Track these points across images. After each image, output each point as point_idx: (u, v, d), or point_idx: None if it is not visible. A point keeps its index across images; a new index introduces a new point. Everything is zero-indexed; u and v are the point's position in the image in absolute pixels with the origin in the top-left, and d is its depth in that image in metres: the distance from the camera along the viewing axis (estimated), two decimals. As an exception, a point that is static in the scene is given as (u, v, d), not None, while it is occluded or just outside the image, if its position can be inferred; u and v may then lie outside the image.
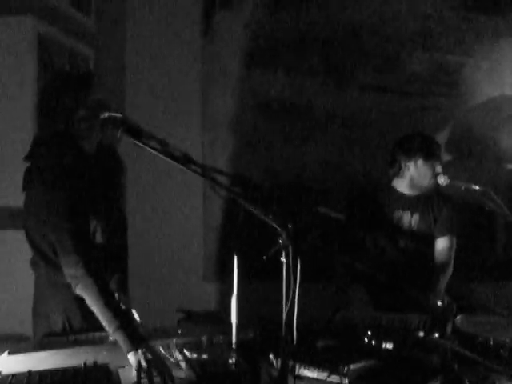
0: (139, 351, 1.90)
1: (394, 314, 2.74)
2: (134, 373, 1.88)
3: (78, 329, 2.27)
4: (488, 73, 4.13)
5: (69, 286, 2.16)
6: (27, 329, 2.37)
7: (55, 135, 2.23)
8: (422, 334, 2.44)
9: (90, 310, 2.08)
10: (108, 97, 2.27)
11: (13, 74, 3.06)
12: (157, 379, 1.84)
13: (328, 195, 3.78)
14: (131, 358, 1.91)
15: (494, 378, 2.22)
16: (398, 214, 3.21)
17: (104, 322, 2.01)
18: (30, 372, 1.76)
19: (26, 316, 2.38)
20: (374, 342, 2.37)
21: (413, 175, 3.17)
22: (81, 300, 2.14)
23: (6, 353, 1.98)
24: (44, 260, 2.25)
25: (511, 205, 3.89)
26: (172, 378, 1.85)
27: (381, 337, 2.39)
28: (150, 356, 1.90)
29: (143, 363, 1.87)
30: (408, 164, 3.16)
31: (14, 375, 1.74)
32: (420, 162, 3.14)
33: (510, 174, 4.27)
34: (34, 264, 2.34)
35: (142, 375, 1.84)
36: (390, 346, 2.36)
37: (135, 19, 3.70)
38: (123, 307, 2.31)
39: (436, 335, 2.47)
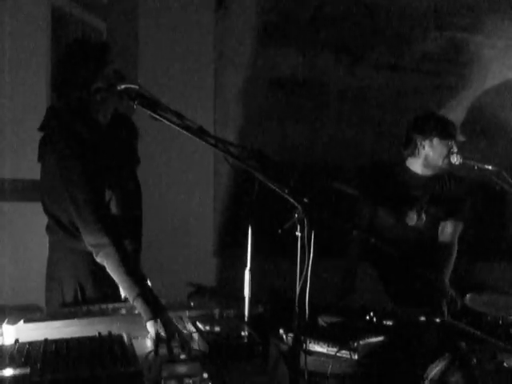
0: (158, 320, 1.92)
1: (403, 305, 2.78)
2: (149, 343, 1.90)
3: (89, 296, 2.29)
4: (503, 52, 4.09)
5: (83, 253, 2.18)
6: (40, 299, 2.39)
7: (69, 105, 2.22)
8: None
9: (102, 278, 2.11)
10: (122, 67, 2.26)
11: (27, 47, 3.05)
12: (175, 349, 1.85)
13: (340, 172, 3.78)
14: (150, 326, 1.93)
15: (501, 357, 2.24)
16: (411, 192, 3.21)
17: (125, 290, 2.04)
18: (46, 340, 1.78)
19: (40, 286, 2.41)
20: (375, 320, 2.39)
21: (428, 154, 3.17)
22: (94, 267, 2.16)
23: (21, 321, 2.00)
24: (61, 227, 2.26)
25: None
26: (190, 349, 1.86)
27: (383, 317, 2.41)
28: (169, 326, 1.92)
29: (162, 333, 1.89)
30: (423, 143, 3.15)
31: (30, 343, 1.76)
32: (436, 140, 3.13)
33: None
34: (49, 229, 2.35)
35: (160, 345, 1.85)
36: (392, 323, 2.38)
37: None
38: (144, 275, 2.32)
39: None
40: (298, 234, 1.73)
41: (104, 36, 3.54)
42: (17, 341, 1.78)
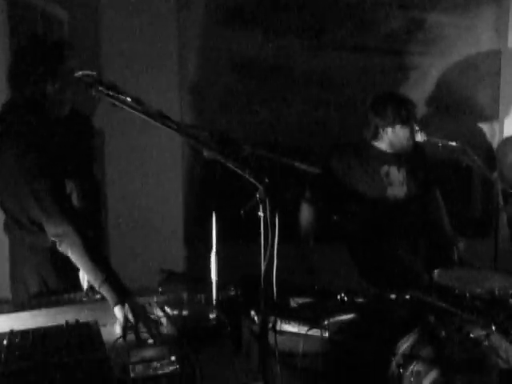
0: (126, 305, 1.92)
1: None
2: (117, 329, 1.90)
3: (54, 290, 2.27)
4: (465, 31, 4.13)
5: (44, 250, 2.17)
6: (5, 292, 2.37)
7: (25, 101, 2.20)
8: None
9: (66, 273, 2.10)
10: (82, 60, 2.23)
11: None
12: (143, 334, 1.86)
13: (307, 154, 3.79)
14: (118, 311, 1.93)
15: (468, 328, 2.28)
16: (384, 168, 3.24)
17: (90, 277, 2.03)
18: (11, 331, 1.77)
19: (3, 280, 2.38)
20: (346, 299, 2.42)
21: (391, 138, 3.20)
22: (55, 261, 2.15)
23: (-15, 314, 1.98)
24: (17, 224, 2.25)
25: (487, 162, 3.96)
26: (158, 333, 1.87)
27: (353, 295, 2.44)
28: (136, 310, 1.92)
29: (130, 317, 1.89)
30: (386, 129, 3.18)
31: (-5, 335, 1.75)
32: (398, 127, 3.16)
33: (486, 131, 4.32)
34: (7, 228, 2.34)
35: (128, 330, 1.86)
36: (362, 301, 2.41)
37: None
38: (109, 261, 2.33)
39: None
40: (261, 214, 1.74)
41: (65, 25, 3.49)
42: (-18, 334, 1.77)
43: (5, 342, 1.69)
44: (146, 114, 1.89)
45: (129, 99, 1.90)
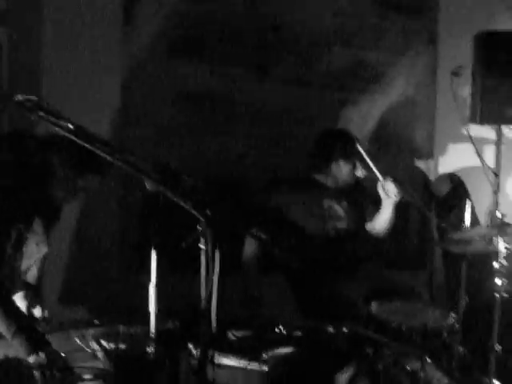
0: (40, 354, 1.87)
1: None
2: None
3: None
4: (406, 69, 4.27)
5: None
6: None
7: None
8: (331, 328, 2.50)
9: None
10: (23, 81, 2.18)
11: None
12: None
13: (247, 188, 3.80)
14: (31, 360, 1.87)
15: (404, 360, 2.32)
16: (326, 202, 3.28)
17: (2, 327, 1.95)
18: None
19: None
20: (285, 332, 2.42)
21: (334, 173, 3.26)
22: None
23: None
24: None
25: (423, 198, 4.09)
26: (72, 381, 1.82)
27: (292, 328, 2.44)
28: (50, 358, 1.86)
29: (43, 365, 1.84)
30: (329, 164, 3.24)
31: None
32: (341, 162, 3.23)
33: (422, 168, 4.45)
34: None
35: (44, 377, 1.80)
36: (301, 334, 2.42)
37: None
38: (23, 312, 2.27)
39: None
40: (202, 246, 1.73)
41: (5, 46, 3.41)
42: None
43: None
44: (87, 141, 1.86)
45: (70, 126, 1.85)
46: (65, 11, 3.53)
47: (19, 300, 2.39)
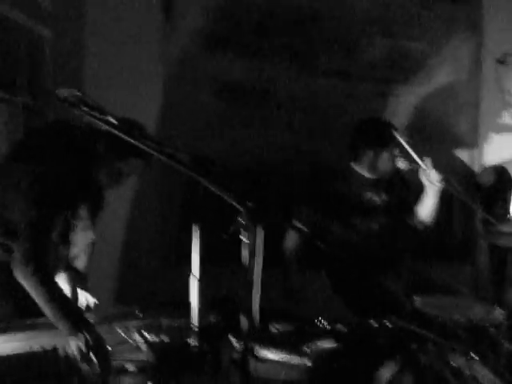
0: (80, 335, 1.89)
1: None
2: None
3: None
4: (447, 58, 4.19)
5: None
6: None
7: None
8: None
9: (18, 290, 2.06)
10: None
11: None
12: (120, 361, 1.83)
13: (287, 180, 3.79)
14: (72, 343, 1.89)
15: (449, 356, 2.28)
16: (366, 195, 3.24)
17: (47, 312, 1.99)
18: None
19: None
20: (327, 326, 2.40)
21: (372, 162, 3.20)
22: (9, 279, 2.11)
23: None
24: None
25: (467, 189, 4.00)
26: (109, 366, 1.83)
27: (334, 321, 2.42)
28: (91, 341, 1.88)
29: (83, 348, 1.86)
30: (367, 152, 3.19)
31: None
32: (379, 149, 3.17)
33: (465, 159, 4.36)
34: None
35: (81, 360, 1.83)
36: (343, 328, 2.39)
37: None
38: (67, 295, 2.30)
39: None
40: (243, 238, 1.72)
41: (48, 43, 3.47)
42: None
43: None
44: (129, 135, 1.87)
45: (112, 120, 1.87)
46: (106, 7, 3.58)
47: (62, 282, 2.45)
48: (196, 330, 2.04)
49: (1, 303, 2.24)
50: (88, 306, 2.46)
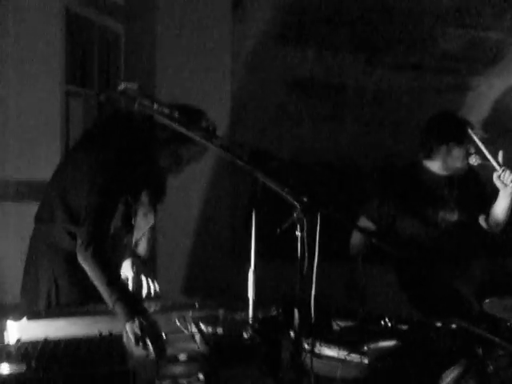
0: (136, 321, 1.93)
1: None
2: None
3: (64, 293, 2.30)
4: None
5: (61, 250, 2.26)
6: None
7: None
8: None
9: (79, 277, 2.14)
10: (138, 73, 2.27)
11: (40, 50, 3.07)
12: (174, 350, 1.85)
13: (358, 173, 3.73)
14: (128, 327, 1.94)
15: (519, 364, 2.16)
16: (437, 191, 3.14)
17: (104, 295, 2.05)
18: (45, 339, 1.79)
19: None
20: (390, 325, 2.34)
21: (445, 158, 3.10)
22: (71, 265, 2.20)
23: (25, 318, 2.01)
24: (56, 218, 2.29)
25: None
26: (163, 351, 1.85)
27: (398, 321, 2.35)
28: (145, 326, 1.92)
29: (138, 332, 1.90)
30: (440, 147, 3.08)
31: (30, 342, 1.77)
32: (452, 145, 3.06)
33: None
34: (39, 219, 2.38)
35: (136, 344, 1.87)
36: (405, 328, 2.33)
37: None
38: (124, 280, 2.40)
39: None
40: (298, 233, 1.70)
41: (122, 38, 3.57)
42: (18, 340, 1.81)
43: (38, 348, 1.71)
44: (188, 128, 1.89)
45: (171, 112, 1.89)
46: (177, 3, 3.64)
47: (127, 268, 2.52)
48: (251, 323, 2.05)
49: (71, 290, 2.32)
50: (150, 294, 2.50)
